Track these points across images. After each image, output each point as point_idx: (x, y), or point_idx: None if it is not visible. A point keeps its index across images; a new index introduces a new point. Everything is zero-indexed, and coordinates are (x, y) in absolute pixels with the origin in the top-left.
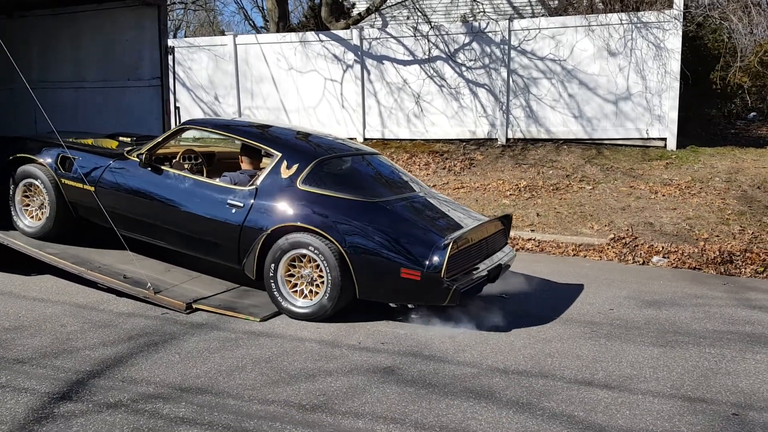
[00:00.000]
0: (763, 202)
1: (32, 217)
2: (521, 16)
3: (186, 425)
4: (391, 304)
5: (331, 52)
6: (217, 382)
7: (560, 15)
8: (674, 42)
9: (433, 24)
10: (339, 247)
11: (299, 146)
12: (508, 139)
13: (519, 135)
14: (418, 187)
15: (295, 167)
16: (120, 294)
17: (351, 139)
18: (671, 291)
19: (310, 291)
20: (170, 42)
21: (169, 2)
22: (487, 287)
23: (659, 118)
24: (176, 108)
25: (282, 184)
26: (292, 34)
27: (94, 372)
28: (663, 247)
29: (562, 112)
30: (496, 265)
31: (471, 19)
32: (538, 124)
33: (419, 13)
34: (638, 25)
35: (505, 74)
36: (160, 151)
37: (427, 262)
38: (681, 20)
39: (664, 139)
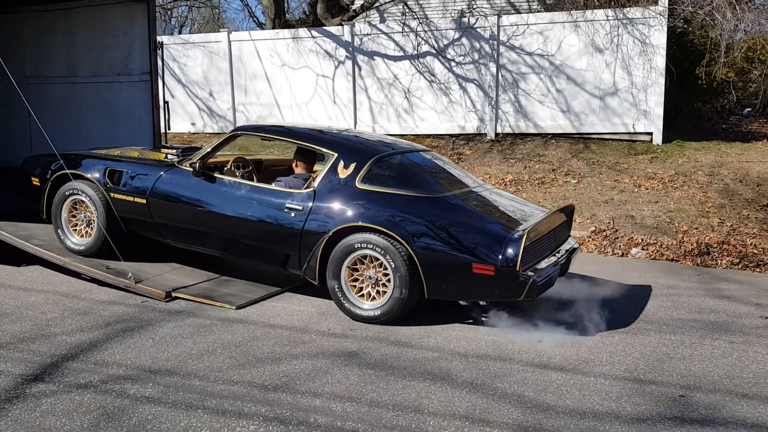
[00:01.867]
0: (744, 196)
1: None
2: (517, 11)
3: (150, 404)
4: (461, 302)
5: (323, 48)
6: (185, 365)
7: (555, 10)
8: (659, 38)
9: (422, 20)
10: (405, 245)
11: (354, 145)
12: (497, 134)
13: (508, 130)
14: (474, 182)
15: (352, 166)
16: (102, 284)
17: None
18: (644, 281)
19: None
20: (164, 39)
21: None
22: None
23: (645, 113)
24: (165, 102)
25: (340, 184)
26: (285, 30)
27: (68, 355)
28: (642, 239)
29: (551, 107)
30: (565, 258)
31: (468, 14)
32: (526, 119)
33: (407, 9)
34: (624, 21)
35: (494, 69)
36: (210, 160)
37: (501, 256)
38: (666, 16)
39: (650, 134)
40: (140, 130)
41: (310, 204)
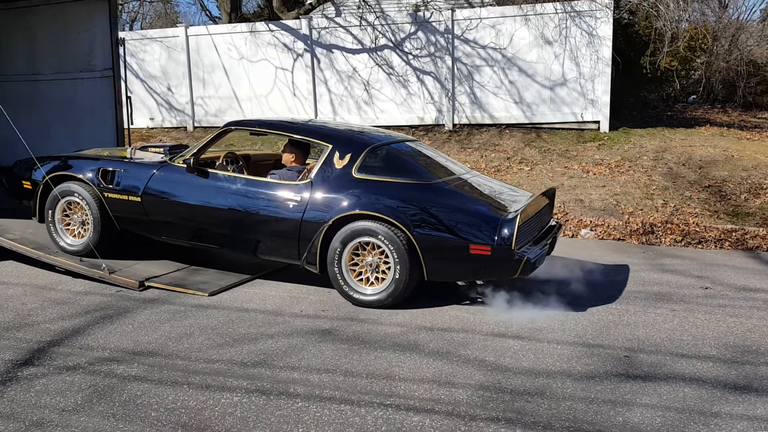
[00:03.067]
0: (687, 178)
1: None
2: (471, 5)
3: (138, 382)
4: (458, 283)
5: (281, 41)
6: (166, 347)
7: (507, 4)
8: (605, 30)
9: (378, 14)
10: (404, 230)
11: (348, 137)
12: (454, 125)
13: (465, 120)
14: (463, 169)
15: (348, 157)
16: (77, 275)
17: None
18: (592, 259)
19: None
20: (123, 34)
21: None
22: None
23: (593, 102)
24: (128, 98)
25: (337, 174)
26: (243, 24)
27: (53, 341)
28: (591, 221)
29: (504, 99)
30: (552, 237)
31: (423, 8)
32: (482, 110)
33: (363, 2)
34: (572, 14)
35: (450, 62)
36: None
37: (496, 237)
38: (611, 8)
39: (598, 122)
40: (103, 125)
41: (308, 195)
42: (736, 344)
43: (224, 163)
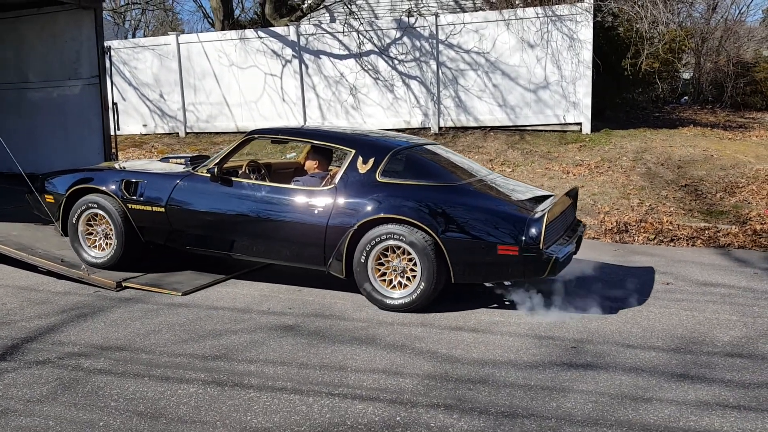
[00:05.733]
0: (665, 178)
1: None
2: (463, 10)
3: (102, 375)
4: (486, 284)
5: (270, 48)
6: (134, 342)
7: (494, 9)
8: (586, 33)
9: (362, 20)
10: (431, 233)
11: (370, 142)
12: (440, 128)
13: (450, 124)
14: (485, 170)
15: (371, 161)
16: (58, 277)
17: None
18: None
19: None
20: (115, 43)
21: (125, 3)
22: None
23: (574, 104)
24: (114, 104)
25: (361, 179)
26: (232, 32)
27: (27, 338)
28: None
29: (488, 102)
30: (577, 237)
31: (416, 12)
32: (467, 113)
33: (348, 9)
34: (553, 18)
35: (434, 67)
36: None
37: (524, 237)
38: (591, 12)
39: (580, 124)
40: (90, 131)
41: (332, 200)
42: (683, 336)
43: (247, 172)
